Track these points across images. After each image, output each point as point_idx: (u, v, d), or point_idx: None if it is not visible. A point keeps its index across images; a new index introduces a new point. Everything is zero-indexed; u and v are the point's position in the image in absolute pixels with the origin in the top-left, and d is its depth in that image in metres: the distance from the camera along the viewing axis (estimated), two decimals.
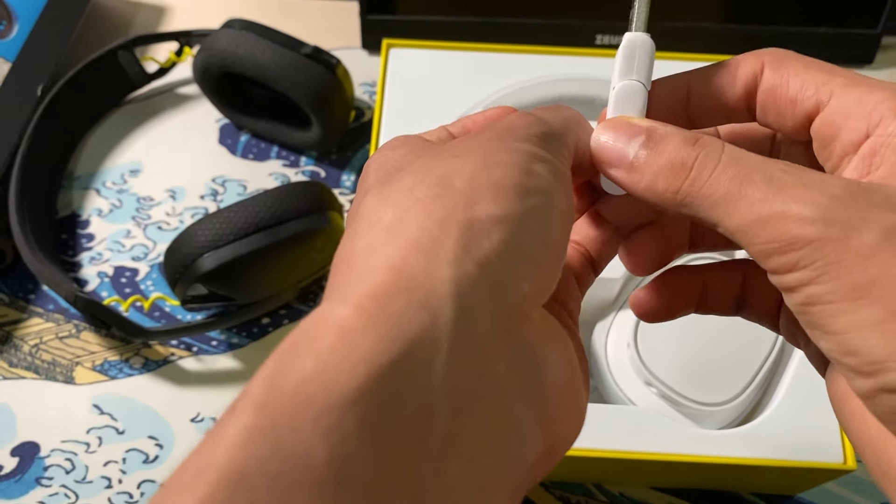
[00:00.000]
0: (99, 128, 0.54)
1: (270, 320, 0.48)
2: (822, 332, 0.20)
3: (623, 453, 0.38)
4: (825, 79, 0.22)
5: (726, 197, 0.20)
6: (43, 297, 0.48)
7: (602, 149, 0.23)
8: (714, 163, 0.21)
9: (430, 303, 0.17)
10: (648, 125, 0.22)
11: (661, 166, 0.21)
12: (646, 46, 0.24)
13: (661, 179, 0.21)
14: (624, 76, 0.24)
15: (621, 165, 0.22)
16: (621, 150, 0.22)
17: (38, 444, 0.44)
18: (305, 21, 0.59)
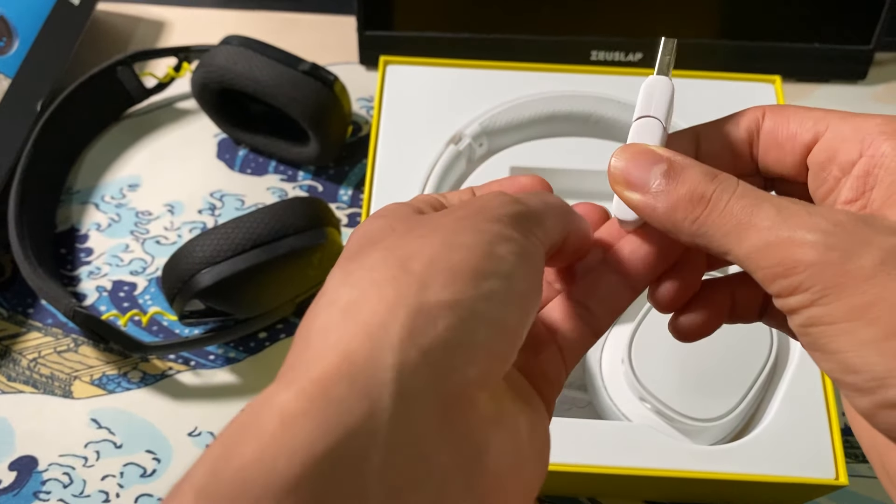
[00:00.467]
0: (98, 142, 0.55)
1: (268, 335, 0.48)
2: (822, 352, 0.21)
3: (617, 469, 0.38)
4: (822, 115, 0.24)
5: (738, 226, 0.21)
6: (41, 311, 0.49)
7: (622, 171, 0.24)
8: (728, 195, 0.22)
9: (371, 390, 0.17)
10: (669, 155, 0.23)
11: (681, 196, 0.22)
12: (666, 89, 0.25)
13: (681, 209, 0.22)
14: (643, 113, 0.25)
15: (640, 190, 0.23)
16: (642, 175, 0.23)
17: (36, 459, 0.44)
18: (304, 36, 0.60)
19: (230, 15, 0.61)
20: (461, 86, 0.49)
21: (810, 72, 0.57)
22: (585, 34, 0.56)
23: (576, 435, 0.39)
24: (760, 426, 0.40)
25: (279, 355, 0.47)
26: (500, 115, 0.47)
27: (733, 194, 0.22)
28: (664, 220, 0.23)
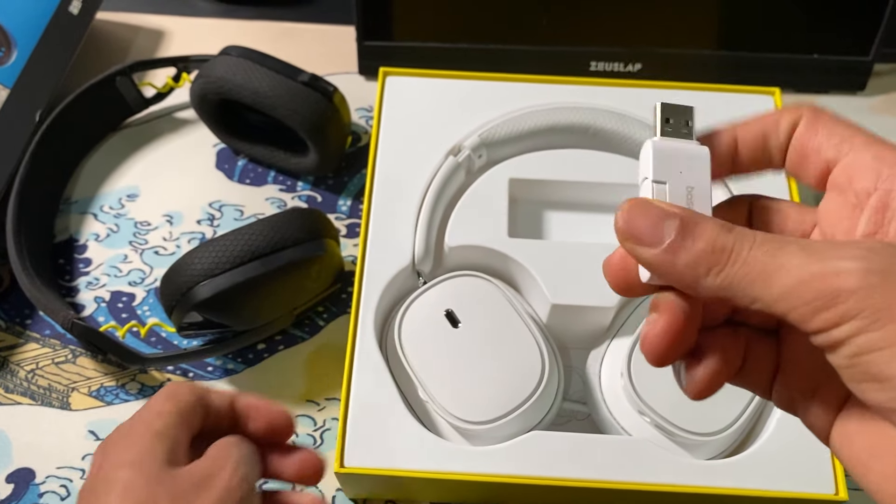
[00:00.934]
0: (96, 152, 0.55)
1: (266, 346, 0.48)
2: (877, 381, 0.20)
3: (616, 483, 0.38)
4: (849, 134, 0.24)
5: (764, 271, 0.21)
6: (39, 322, 0.49)
7: (631, 227, 0.23)
8: (749, 244, 0.22)
9: None
10: (680, 210, 0.23)
11: (701, 250, 0.22)
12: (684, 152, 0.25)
13: (703, 262, 0.22)
14: (654, 177, 0.25)
15: (655, 245, 0.22)
16: (654, 230, 0.23)
17: (34, 471, 0.44)
18: (303, 47, 0.60)
19: (230, 25, 0.61)
20: (460, 97, 0.49)
21: (809, 83, 0.57)
22: (584, 45, 0.56)
23: (574, 449, 0.39)
24: (760, 440, 0.40)
25: (278, 367, 0.47)
26: (500, 127, 0.47)
27: (754, 242, 0.22)
28: (685, 274, 0.22)
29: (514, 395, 0.40)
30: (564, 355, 0.45)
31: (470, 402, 0.40)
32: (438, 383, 0.40)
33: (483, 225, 0.45)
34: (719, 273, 0.22)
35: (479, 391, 0.40)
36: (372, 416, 0.40)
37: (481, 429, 0.39)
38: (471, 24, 0.56)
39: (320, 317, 0.49)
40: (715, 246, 0.22)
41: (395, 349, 0.41)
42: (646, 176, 0.25)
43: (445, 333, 0.41)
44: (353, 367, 0.41)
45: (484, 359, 0.41)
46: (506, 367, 0.40)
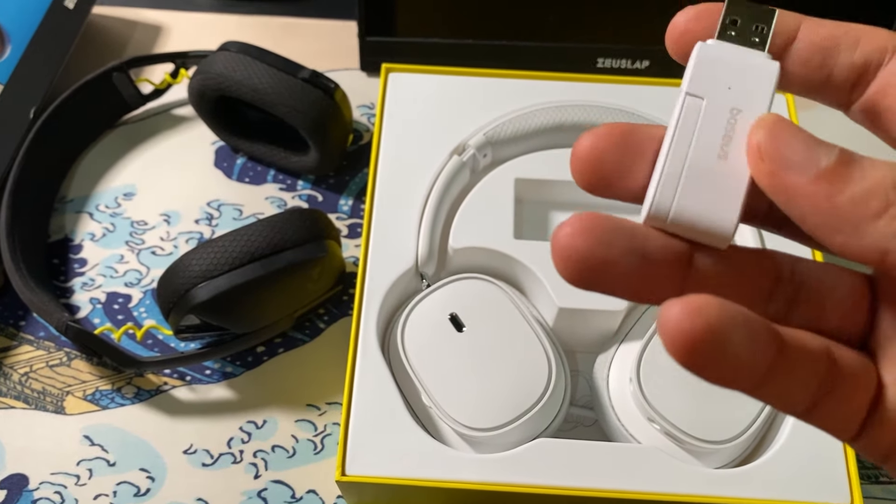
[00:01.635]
0: (92, 150, 0.54)
1: (266, 349, 0.47)
2: None
3: (624, 492, 0.37)
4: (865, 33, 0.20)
5: None
6: (33, 323, 0.48)
7: (780, 144, 0.18)
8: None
9: None
10: (832, 145, 0.18)
11: (878, 181, 0.17)
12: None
13: (878, 197, 0.17)
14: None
15: (807, 170, 0.17)
16: (809, 152, 0.18)
17: (27, 477, 0.43)
18: (303, 42, 0.58)
19: (229, 20, 0.60)
20: (465, 94, 0.48)
21: None
22: (592, 41, 0.54)
23: (582, 457, 0.38)
24: (772, 448, 0.39)
25: (277, 370, 0.46)
26: (505, 125, 0.46)
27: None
28: (845, 212, 0.17)
29: (519, 400, 0.39)
30: (571, 359, 0.44)
31: (474, 408, 0.39)
32: (442, 389, 0.39)
33: (488, 226, 0.44)
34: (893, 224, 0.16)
35: (484, 397, 0.39)
36: (374, 422, 0.39)
37: (486, 435, 0.38)
38: (475, 19, 0.55)
39: (321, 319, 0.48)
40: (885, 195, 0.17)
41: (397, 353, 0.40)
42: (687, 88, 0.19)
43: (449, 337, 0.40)
44: (354, 371, 0.40)
45: (489, 364, 0.40)
46: (511, 372, 0.39)
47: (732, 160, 0.18)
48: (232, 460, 0.43)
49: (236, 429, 0.44)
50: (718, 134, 0.18)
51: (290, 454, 0.44)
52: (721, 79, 0.19)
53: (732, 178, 0.18)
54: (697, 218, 0.18)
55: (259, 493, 0.43)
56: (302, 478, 0.43)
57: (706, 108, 0.19)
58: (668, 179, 0.18)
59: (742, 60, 0.19)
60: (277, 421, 0.45)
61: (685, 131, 0.19)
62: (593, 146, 0.19)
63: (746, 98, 0.19)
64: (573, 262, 0.18)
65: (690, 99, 0.19)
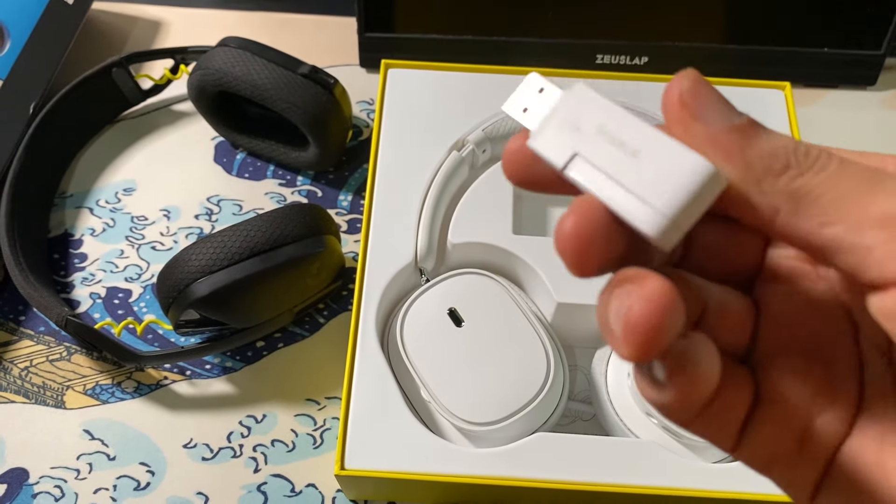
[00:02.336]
0: (92, 145, 0.54)
1: (265, 344, 0.47)
2: None
3: (623, 486, 0.37)
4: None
5: (860, 188, 0.17)
6: (34, 318, 0.48)
7: (698, 97, 0.19)
8: (836, 159, 0.17)
9: None
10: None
11: (781, 145, 0.18)
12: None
13: (780, 158, 0.17)
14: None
15: (722, 122, 0.18)
16: (723, 109, 0.19)
17: (27, 471, 0.43)
18: (303, 38, 0.58)
19: (228, 15, 0.60)
20: (464, 90, 0.48)
21: (819, 77, 0.56)
22: (590, 37, 0.54)
23: (580, 451, 0.38)
24: None
25: (277, 365, 0.46)
26: (504, 121, 0.46)
27: (841, 158, 0.17)
28: (752, 164, 0.18)
29: (518, 395, 0.39)
30: (570, 354, 0.44)
31: (473, 402, 0.39)
32: (441, 383, 0.39)
33: (487, 221, 0.44)
34: (797, 177, 0.17)
35: (483, 391, 0.39)
36: (373, 416, 0.39)
37: (485, 430, 0.39)
38: (475, 15, 0.55)
39: (321, 314, 0.48)
40: (797, 146, 0.17)
41: (396, 348, 0.41)
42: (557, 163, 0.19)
43: (448, 332, 0.41)
44: (353, 366, 0.40)
45: (487, 358, 0.40)
46: (510, 366, 0.40)
47: (645, 145, 0.18)
48: (232, 454, 0.44)
49: (236, 423, 0.44)
50: (614, 153, 0.18)
51: (289, 448, 0.44)
52: (568, 129, 0.19)
53: (661, 147, 0.18)
54: (681, 199, 0.17)
55: (259, 487, 0.43)
56: (301, 472, 0.43)
57: (585, 153, 0.19)
58: (629, 204, 0.18)
59: (565, 102, 0.19)
60: (277, 415, 0.45)
61: (599, 173, 0.18)
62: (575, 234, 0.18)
63: (596, 113, 0.19)
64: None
65: (574, 162, 0.19)
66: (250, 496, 0.43)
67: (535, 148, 0.19)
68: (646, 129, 0.18)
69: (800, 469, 0.19)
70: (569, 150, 0.19)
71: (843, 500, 0.19)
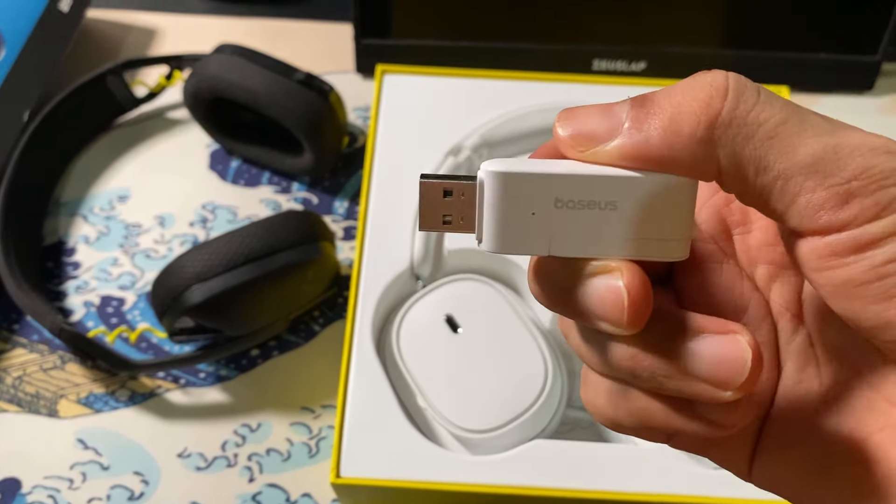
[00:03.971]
0: (87, 153, 0.53)
1: (260, 352, 0.47)
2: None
3: (623, 494, 0.37)
4: None
5: (784, 130, 0.16)
6: (27, 326, 0.47)
7: (582, 124, 0.18)
8: (753, 85, 0.17)
9: None
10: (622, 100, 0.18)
11: (678, 102, 0.17)
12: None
13: (688, 113, 0.17)
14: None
15: (616, 130, 0.17)
16: (608, 116, 0.17)
17: (20, 480, 0.43)
18: (299, 45, 0.58)
19: (223, 22, 0.60)
20: (460, 95, 0.48)
21: (815, 82, 0.56)
22: (587, 43, 0.54)
23: (579, 459, 0.38)
24: None
25: (272, 373, 0.46)
26: (501, 127, 0.46)
27: (758, 95, 0.17)
28: (670, 139, 0.17)
29: (516, 402, 0.39)
30: (568, 361, 0.44)
31: (470, 409, 0.39)
32: (438, 390, 0.39)
33: None
34: (715, 117, 0.16)
35: (480, 398, 0.39)
36: (369, 424, 0.39)
37: (482, 437, 0.38)
38: (471, 20, 0.55)
39: (316, 322, 0.48)
40: (698, 89, 0.17)
41: (393, 355, 0.40)
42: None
43: (445, 339, 0.40)
44: (349, 374, 0.40)
45: (485, 365, 0.39)
46: (507, 373, 0.39)
47: (616, 195, 0.18)
48: (226, 464, 0.43)
49: (231, 432, 0.44)
50: (592, 215, 0.18)
51: (284, 457, 0.43)
52: (524, 219, 0.18)
53: (630, 187, 0.18)
54: (689, 217, 0.18)
55: (254, 497, 0.42)
56: (297, 481, 0.43)
57: (564, 230, 0.18)
58: (652, 248, 0.18)
59: (496, 200, 0.18)
60: (272, 424, 0.44)
61: (590, 240, 0.18)
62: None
63: (543, 192, 0.18)
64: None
65: (557, 245, 0.18)
66: None
67: (498, 247, 0.18)
68: (601, 179, 0.17)
69: (733, 445, 0.21)
70: (543, 235, 0.18)
71: (776, 459, 0.20)
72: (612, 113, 0.17)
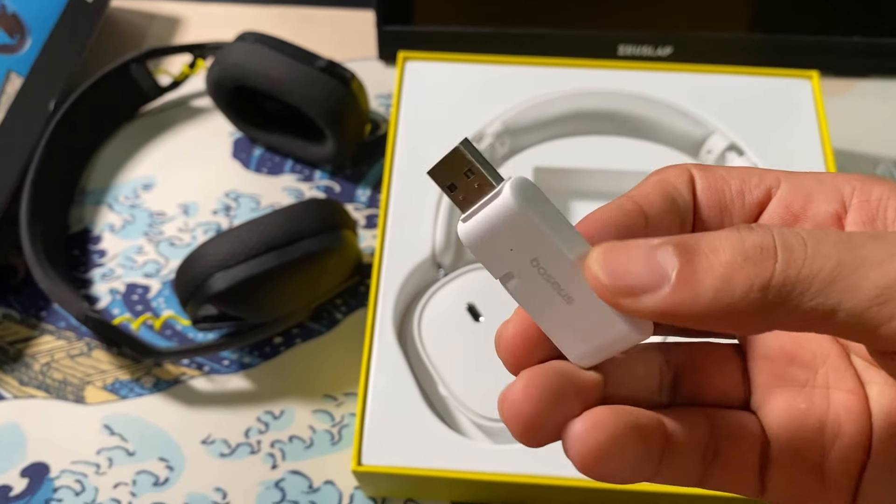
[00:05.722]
0: (111, 142, 0.54)
1: (283, 340, 0.47)
2: None
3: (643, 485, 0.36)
4: (762, 171, 0.20)
5: (842, 265, 0.16)
6: (54, 314, 0.48)
7: (624, 275, 0.17)
8: (797, 237, 0.17)
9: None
10: (661, 238, 0.17)
11: (729, 261, 0.16)
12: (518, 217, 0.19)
13: (741, 275, 0.16)
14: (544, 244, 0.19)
15: (661, 285, 0.17)
16: (651, 266, 0.17)
17: (48, 465, 0.43)
18: (321, 32, 0.58)
19: (246, 10, 0.60)
20: (482, 82, 0.47)
21: (848, 66, 0.55)
22: (612, 28, 0.53)
23: None
24: None
25: (294, 361, 0.46)
26: (524, 114, 0.46)
27: (800, 234, 0.17)
28: (721, 302, 0.16)
29: None
30: None
31: (492, 398, 0.38)
32: (459, 379, 0.39)
33: None
34: (769, 280, 0.16)
35: (502, 387, 0.38)
36: (390, 412, 0.39)
37: (504, 426, 0.38)
38: (494, 6, 0.54)
39: (338, 310, 0.48)
40: (748, 249, 0.16)
41: (414, 343, 0.40)
42: (494, 273, 0.20)
43: (467, 328, 0.40)
44: (370, 362, 0.40)
45: None
46: None
47: (577, 297, 0.19)
48: (249, 451, 0.43)
49: (254, 419, 0.44)
50: (549, 290, 0.19)
51: (307, 445, 0.44)
52: (501, 246, 0.19)
53: (591, 307, 0.19)
54: (602, 347, 0.19)
55: (276, 484, 0.43)
56: (319, 468, 0.43)
57: (524, 281, 0.19)
58: (564, 341, 0.19)
59: (492, 217, 0.19)
60: (295, 411, 0.45)
61: (533, 301, 0.19)
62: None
63: (530, 244, 0.19)
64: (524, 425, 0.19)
65: (508, 281, 0.19)
66: (268, 493, 0.42)
67: (467, 241, 0.19)
68: (577, 280, 0.18)
69: (830, 501, 0.20)
70: (506, 266, 0.19)
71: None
72: (654, 262, 0.17)
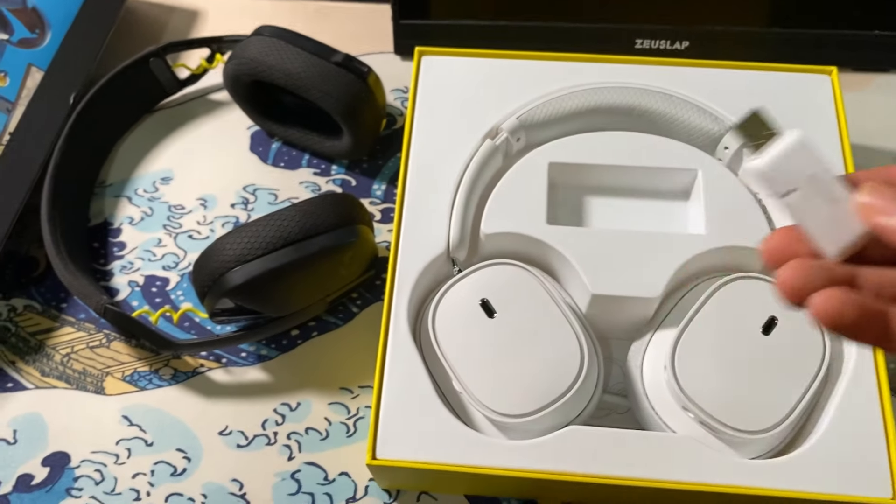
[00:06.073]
0: (131, 135, 0.54)
1: (300, 333, 0.47)
2: None
3: (657, 482, 0.37)
4: None
5: None
6: (74, 305, 0.49)
7: (880, 202, 0.25)
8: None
9: None
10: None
11: None
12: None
13: None
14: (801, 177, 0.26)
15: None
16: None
17: (69, 455, 0.44)
18: (338, 26, 0.58)
19: (263, 4, 0.60)
20: (499, 77, 0.47)
21: (868, 61, 0.54)
22: (629, 22, 0.53)
23: (614, 445, 0.38)
24: (811, 439, 0.38)
25: (311, 354, 0.47)
26: (539, 109, 0.46)
27: None
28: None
29: (551, 387, 0.38)
30: (605, 346, 0.43)
31: (506, 394, 0.39)
32: (473, 374, 0.39)
33: (521, 211, 0.43)
34: None
35: (516, 383, 0.39)
36: (405, 406, 0.39)
37: (517, 422, 0.38)
38: (511, 0, 0.54)
39: (354, 304, 0.48)
40: None
41: (429, 338, 0.40)
42: (779, 191, 0.26)
43: (481, 323, 0.40)
44: (385, 356, 0.40)
45: (521, 350, 0.39)
46: (543, 358, 0.39)
47: (837, 199, 0.26)
48: (266, 442, 0.44)
49: (270, 411, 0.45)
50: (822, 198, 0.26)
51: (323, 436, 0.44)
52: (789, 169, 0.26)
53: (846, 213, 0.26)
54: (847, 245, 0.26)
55: (292, 475, 0.43)
56: (335, 460, 0.43)
57: (805, 194, 0.26)
58: (822, 238, 0.26)
59: (783, 154, 0.27)
60: (311, 403, 0.45)
61: (804, 210, 0.26)
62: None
63: (808, 165, 0.26)
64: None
65: (790, 196, 0.26)
66: (284, 483, 0.43)
67: (765, 167, 0.26)
68: (840, 189, 0.26)
69: None
70: (789, 184, 0.26)
71: None
72: None
